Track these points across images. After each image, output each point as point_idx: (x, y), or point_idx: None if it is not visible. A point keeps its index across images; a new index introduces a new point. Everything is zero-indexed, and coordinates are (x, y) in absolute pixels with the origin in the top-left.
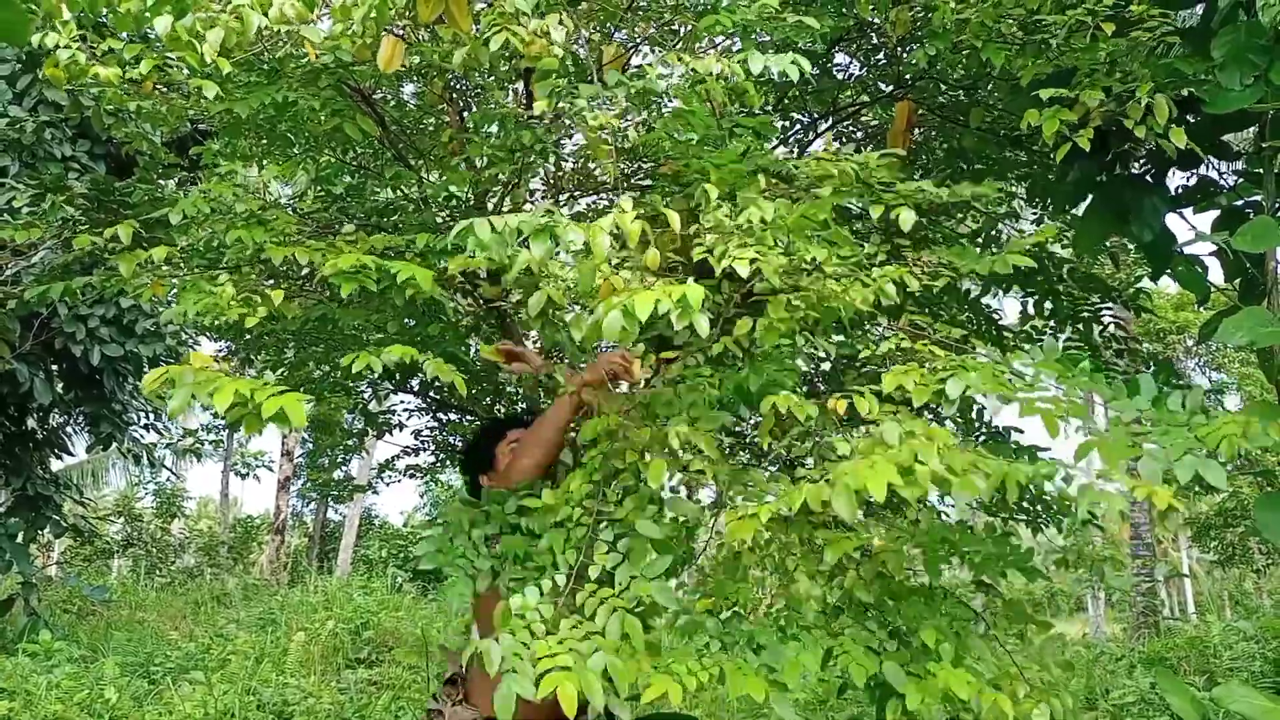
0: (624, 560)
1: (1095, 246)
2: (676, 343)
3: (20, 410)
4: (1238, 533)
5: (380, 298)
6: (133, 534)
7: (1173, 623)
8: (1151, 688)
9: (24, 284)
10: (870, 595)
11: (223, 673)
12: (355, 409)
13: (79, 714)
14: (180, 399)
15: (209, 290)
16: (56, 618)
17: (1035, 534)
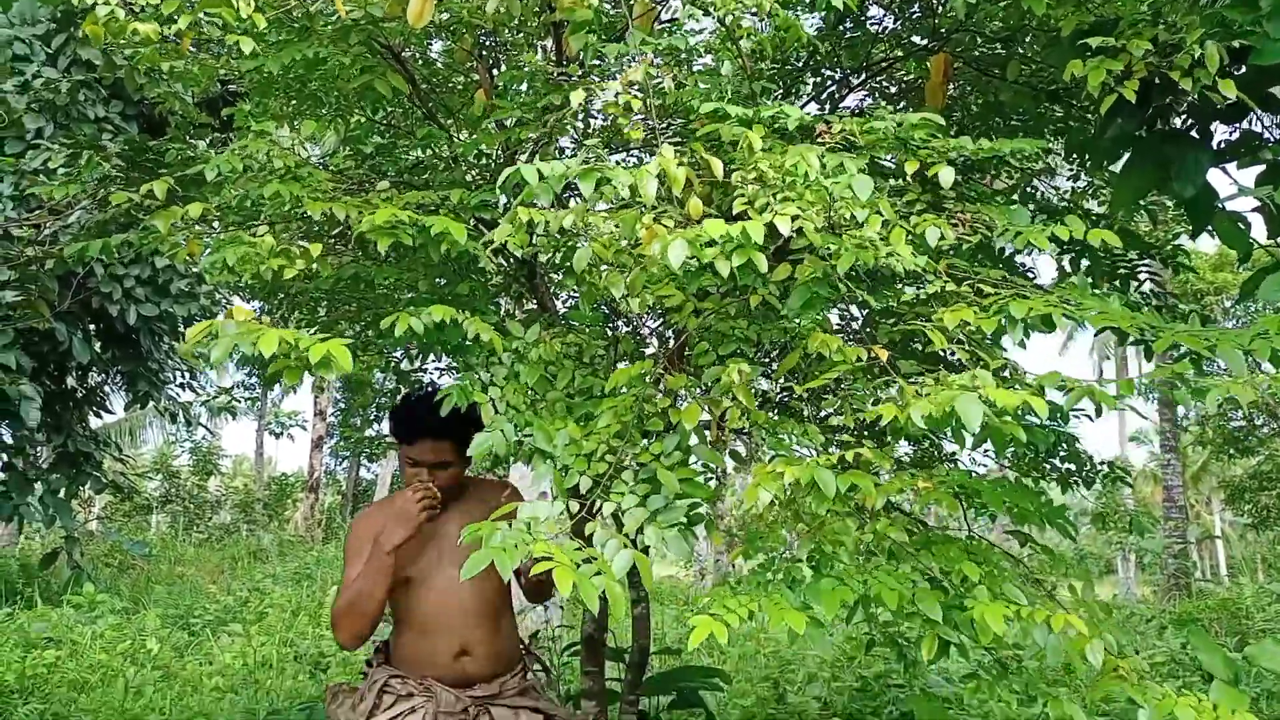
0: (641, 503)
1: (1134, 203)
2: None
3: (60, 369)
4: (1273, 495)
5: (412, 255)
6: (171, 491)
7: (1204, 585)
8: (1182, 648)
9: (61, 243)
10: (903, 535)
11: (260, 625)
12: (387, 368)
13: (123, 663)
14: (223, 348)
15: (248, 241)
16: (99, 571)
17: (1065, 493)
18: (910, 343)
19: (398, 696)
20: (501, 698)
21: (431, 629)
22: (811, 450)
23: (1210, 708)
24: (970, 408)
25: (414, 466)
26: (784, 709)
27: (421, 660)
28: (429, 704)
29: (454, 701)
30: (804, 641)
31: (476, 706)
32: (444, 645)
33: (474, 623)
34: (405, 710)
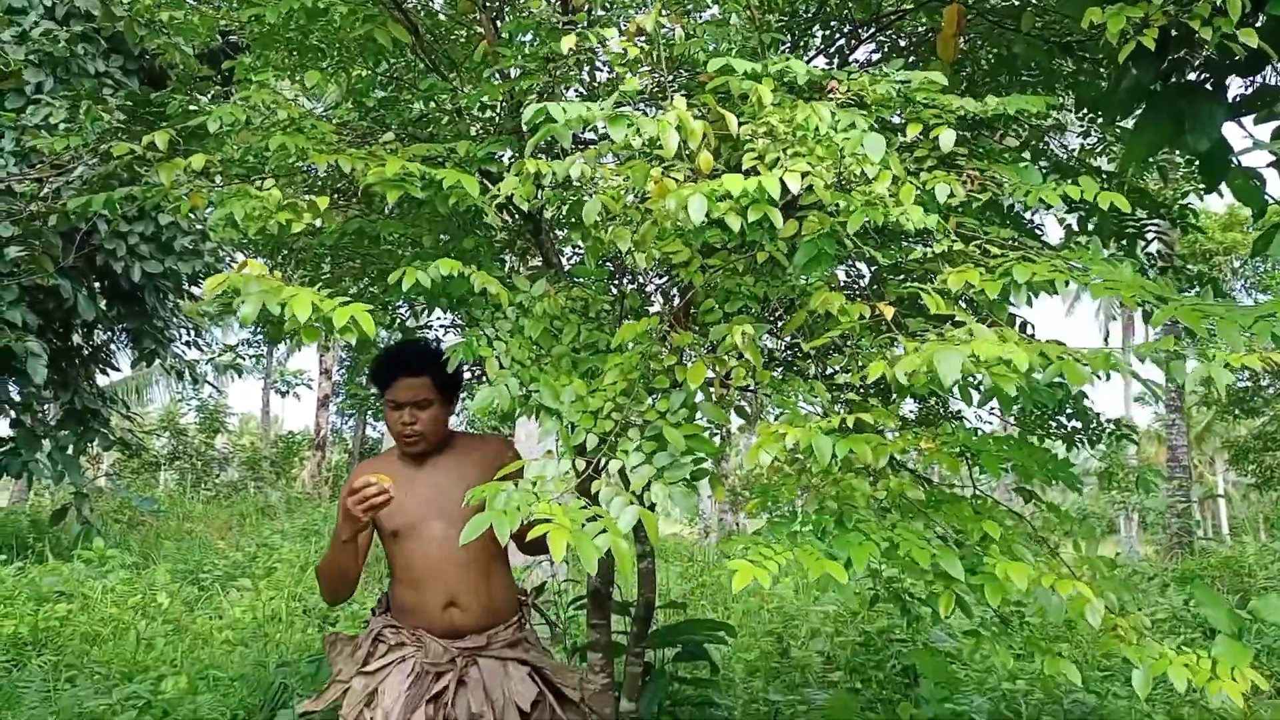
0: (647, 460)
1: (1147, 158)
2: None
3: (65, 326)
4: (1277, 455)
5: (417, 211)
6: (178, 448)
7: (1207, 544)
8: (1185, 604)
9: (64, 199)
10: (919, 493)
11: (269, 580)
12: (391, 325)
13: (134, 617)
14: (252, 306)
15: (254, 194)
16: (108, 527)
17: (1070, 451)
18: (918, 300)
19: (389, 646)
20: (489, 649)
21: (421, 581)
22: (817, 409)
23: (1207, 666)
24: (947, 361)
25: (396, 410)
26: (788, 663)
27: (413, 611)
28: (418, 654)
29: (441, 652)
30: (808, 598)
31: (464, 657)
32: (433, 597)
33: (462, 574)
34: (395, 660)
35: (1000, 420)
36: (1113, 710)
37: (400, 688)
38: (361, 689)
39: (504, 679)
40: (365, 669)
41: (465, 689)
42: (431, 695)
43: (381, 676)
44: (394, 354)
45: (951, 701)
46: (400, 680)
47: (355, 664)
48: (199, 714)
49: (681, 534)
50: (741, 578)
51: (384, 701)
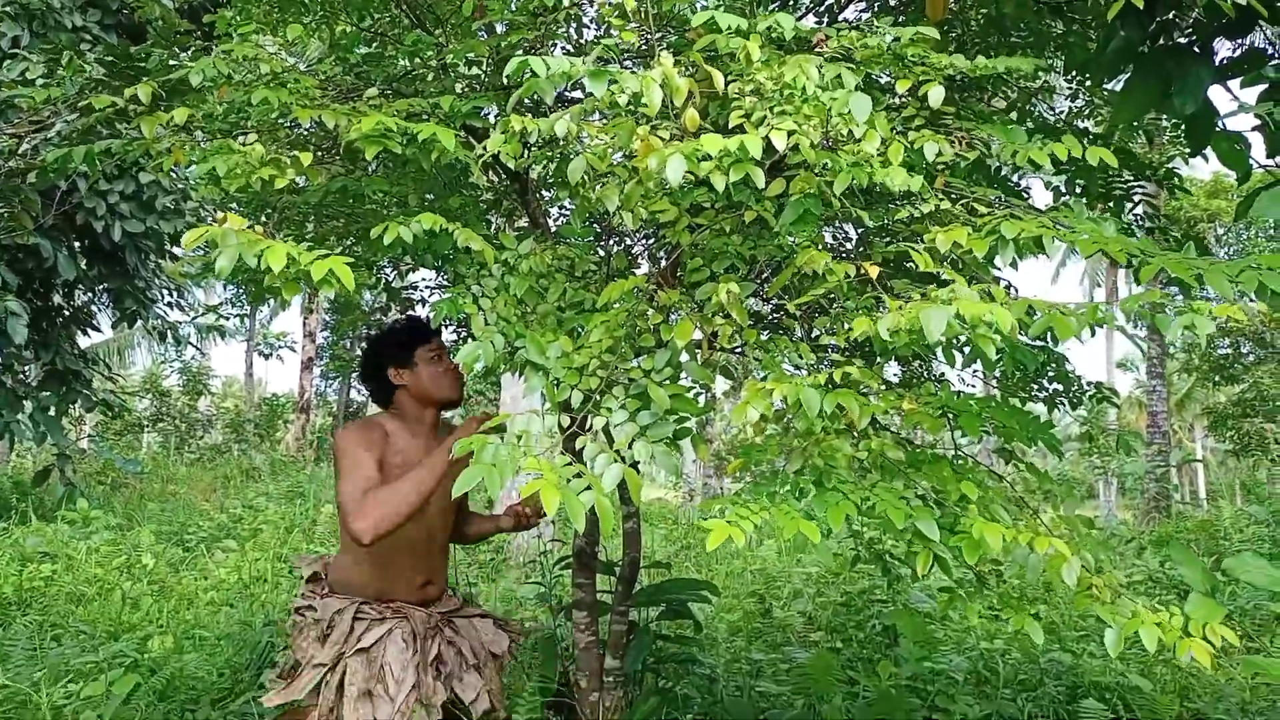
0: (632, 418)
1: (1134, 120)
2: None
3: (45, 286)
4: (1255, 422)
5: (402, 169)
6: (161, 410)
7: (1184, 508)
8: (1160, 565)
9: (42, 155)
10: (899, 453)
11: (254, 541)
12: (376, 285)
13: (119, 577)
14: (228, 257)
15: (237, 150)
16: (91, 489)
17: (1051, 413)
18: (905, 261)
19: (371, 621)
20: (460, 611)
21: (400, 561)
22: (803, 369)
23: (1178, 624)
24: (932, 319)
25: (440, 359)
26: (770, 623)
27: (386, 586)
28: (403, 624)
29: (424, 619)
30: (790, 560)
31: (442, 621)
32: (411, 574)
33: (437, 553)
34: (383, 633)
35: (984, 384)
36: (1088, 668)
37: (403, 657)
38: (365, 666)
39: (477, 632)
40: (361, 646)
41: (453, 648)
42: (430, 659)
43: (380, 650)
44: (412, 317)
45: (930, 660)
46: (399, 651)
47: (334, 645)
48: (186, 672)
49: (666, 498)
50: (716, 536)
51: (393, 671)
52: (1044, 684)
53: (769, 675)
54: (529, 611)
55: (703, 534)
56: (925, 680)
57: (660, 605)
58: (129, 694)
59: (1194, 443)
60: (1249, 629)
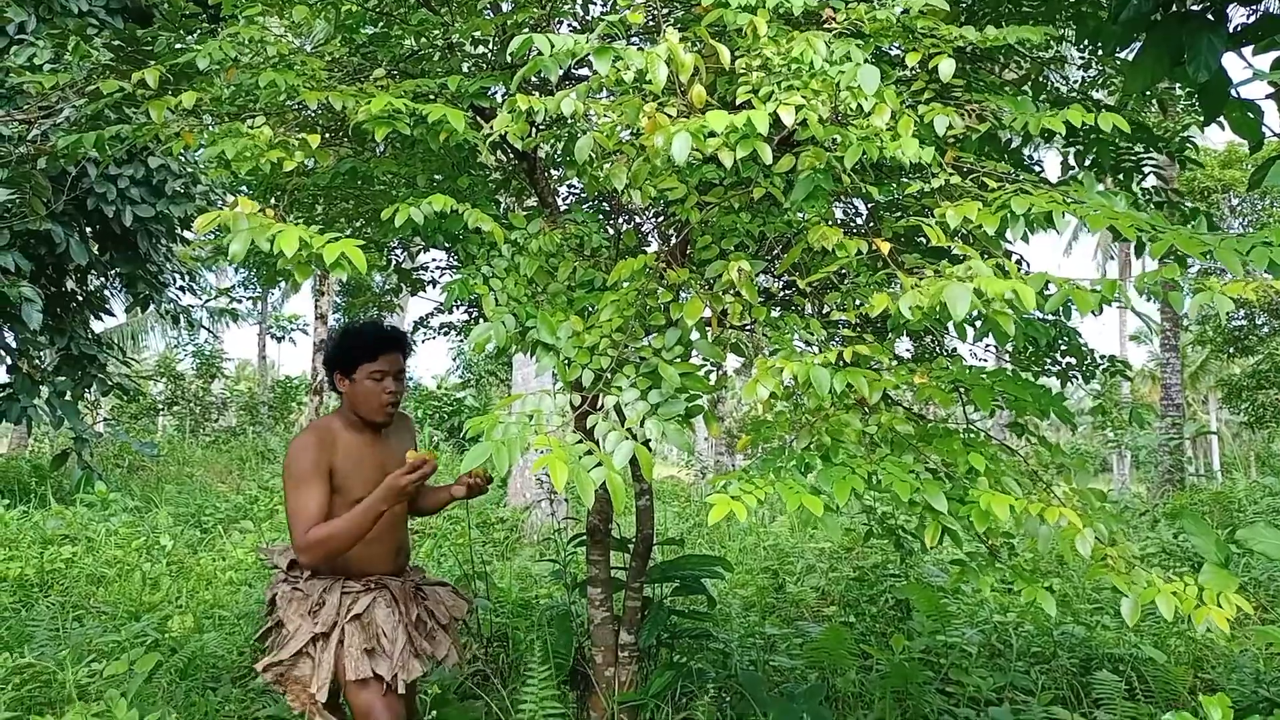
0: (643, 396)
1: (1146, 89)
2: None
3: (58, 272)
4: (1270, 394)
5: (410, 150)
6: (175, 393)
7: (1198, 481)
8: (1174, 538)
9: (52, 141)
10: (908, 427)
11: (271, 522)
12: (386, 267)
13: (138, 558)
14: (241, 242)
15: (246, 133)
16: (109, 472)
17: (1064, 386)
18: (915, 237)
19: (357, 594)
20: (426, 580)
21: (378, 540)
22: (814, 346)
23: (1194, 593)
24: (958, 296)
25: (379, 380)
26: (783, 598)
27: (365, 563)
28: (384, 593)
29: (400, 587)
30: (803, 535)
31: (415, 588)
32: (386, 548)
33: (402, 526)
34: (369, 601)
35: (996, 358)
36: (1101, 641)
37: (391, 619)
38: (362, 630)
39: (439, 599)
40: (355, 613)
41: (425, 610)
42: (411, 621)
43: (371, 616)
44: (376, 327)
45: (943, 634)
46: (387, 614)
47: (329, 614)
48: (206, 651)
49: (678, 476)
50: (719, 510)
51: (386, 632)
52: (1057, 656)
53: (783, 650)
54: (544, 589)
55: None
56: (938, 653)
57: (674, 581)
58: (151, 672)
59: (1208, 415)
60: (1263, 600)
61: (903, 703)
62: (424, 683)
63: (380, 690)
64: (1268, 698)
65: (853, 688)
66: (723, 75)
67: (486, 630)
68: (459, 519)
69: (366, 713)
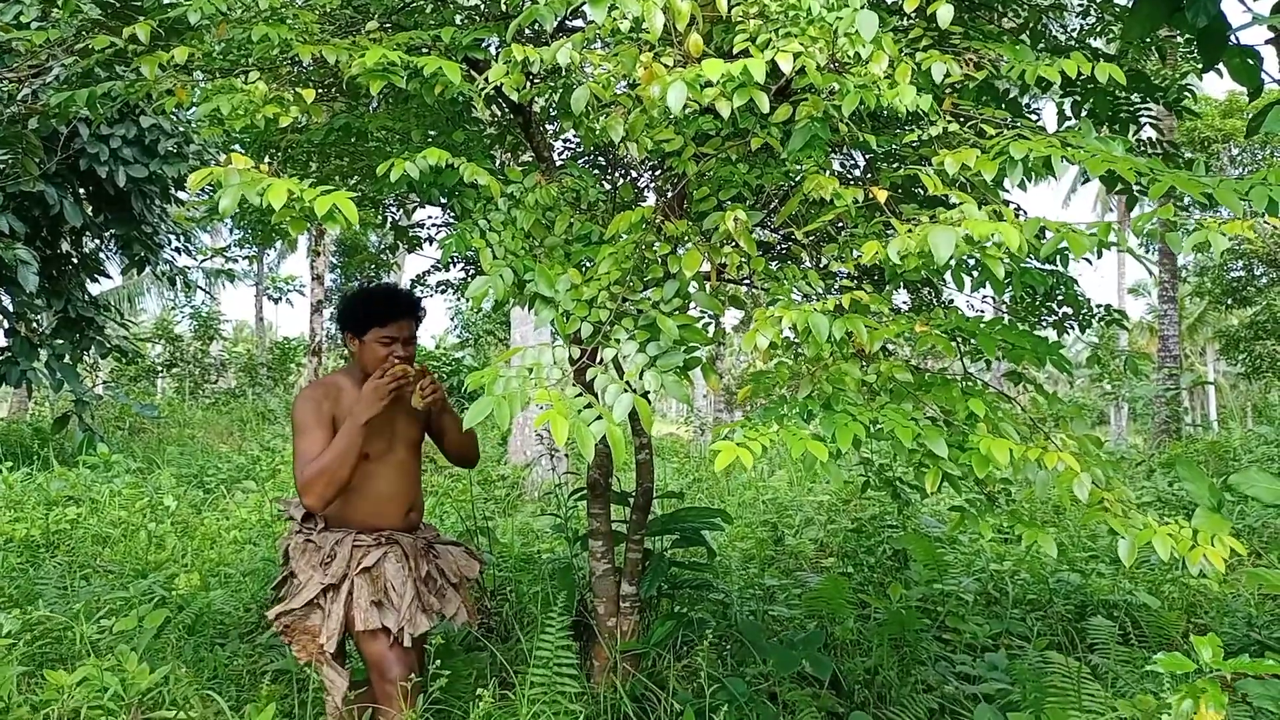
0: (641, 349)
1: (1146, 35)
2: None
3: (53, 234)
4: (1267, 344)
5: (404, 105)
6: (174, 355)
7: (1194, 431)
8: (1169, 486)
9: (43, 100)
10: (907, 375)
11: (274, 481)
12: (382, 225)
13: (142, 519)
14: (231, 196)
15: (240, 88)
16: (110, 434)
17: (1061, 337)
18: (913, 187)
19: (368, 547)
20: (438, 539)
21: (388, 494)
22: (812, 297)
23: (1189, 535)
24: (942, 240)
25: (388, 345)
26: (782, 550)
27: (376, 518)
28: (395, 548)
29: (411, 543)
30: (801, 489)
31: (426, 546)
32: (397, 506)
33: (415, 486)
34: (380, 555)
35: (995, 310)
36: (1096, 588)
37: (401, 574)
38: (371, 583)
39: (452, 558)
40: (365, 566)
41: (435, 567)
42: (421, 577)
43: (381, 569)
44: (390, 293)
45: (940, 582)
46: (397, 569)
47: (340, 565)
48: (213, 608)
49: (678, 433)
50: (724, 458)
51: (395, 586)
52: (1053, 603)
53: (782, 600)
54: (545, 544)
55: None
56: (935, 601)
57: (674, 534)
58: (159, 628)
59: (1206, 367)
60: (1257, 546)
61: (900, 650)
62: (430, 635)
63: (389, 641)
64: (1259, 640)
65: (851, 636)
66: (720, 24)
67: (490, 584)
68: (461, 475)
69: (379, 662)
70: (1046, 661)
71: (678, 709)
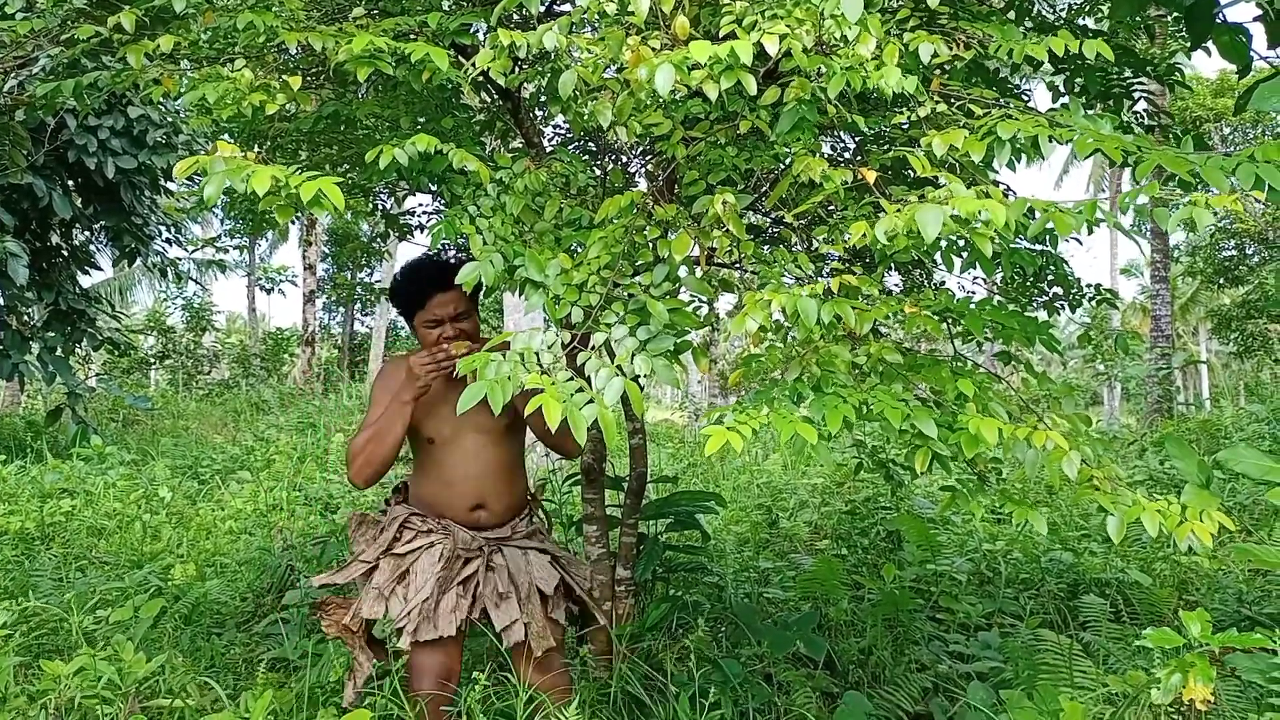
0: (632, 333)
1: (1134, 14)
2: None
3: (43, 226)
4: (1259, 323)
5: (393, 92)
6: (167, 346)
7: (1186, 410)
8: (1161, 465)
9: (29, 90)
10: (896, 356)
11: (269, 471)
12: (372, 213)
13: (137, 510)
14: (215, 185)
15: (226, 76)
16: (103, 426)
17: (1051, 317)
18: (902, 169)
19: (417, 532)
20: (512, 540)
21: (452, 484)
22: (803, 280)
23: (1177, 511)
24: (929, 218)
25: (434, 327)
26: (776, 533)
27: (440, 506)
28: (446, 540)
29: (469, 540)
30: (795, 472)
31: (490, 545)
32: (461, 499)
33: (491, 481)
34: (425, 545)
35: (986, 292)
36: (1088, 566)
37: (432, 569)
38: (391, 569)
39: (526, 565)
40: (395, 551)
41: (492, 573)
42: (462, 578)
43: (412, 559)
44: (420, 270)
45: (933, 563)
46: (431, 563)
47: (379, 546)
48: (209, 597)
49: (672, 419)
50: (714, 442)
51: (415, 581)
52: (1045, 582)
53: (776, 582)
54: None
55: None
56: (929, 582)
57: (668, 517)
58: (156, 618)
59: (1198, 346)
60: (1247, 524)
61: (894, 630)
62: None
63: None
64: (1249, 616)
65: (845, 616)
66: (706, 6)
67: None
68: None
69: (410, 665)
70: (1039, 639)
71: (674, 691)
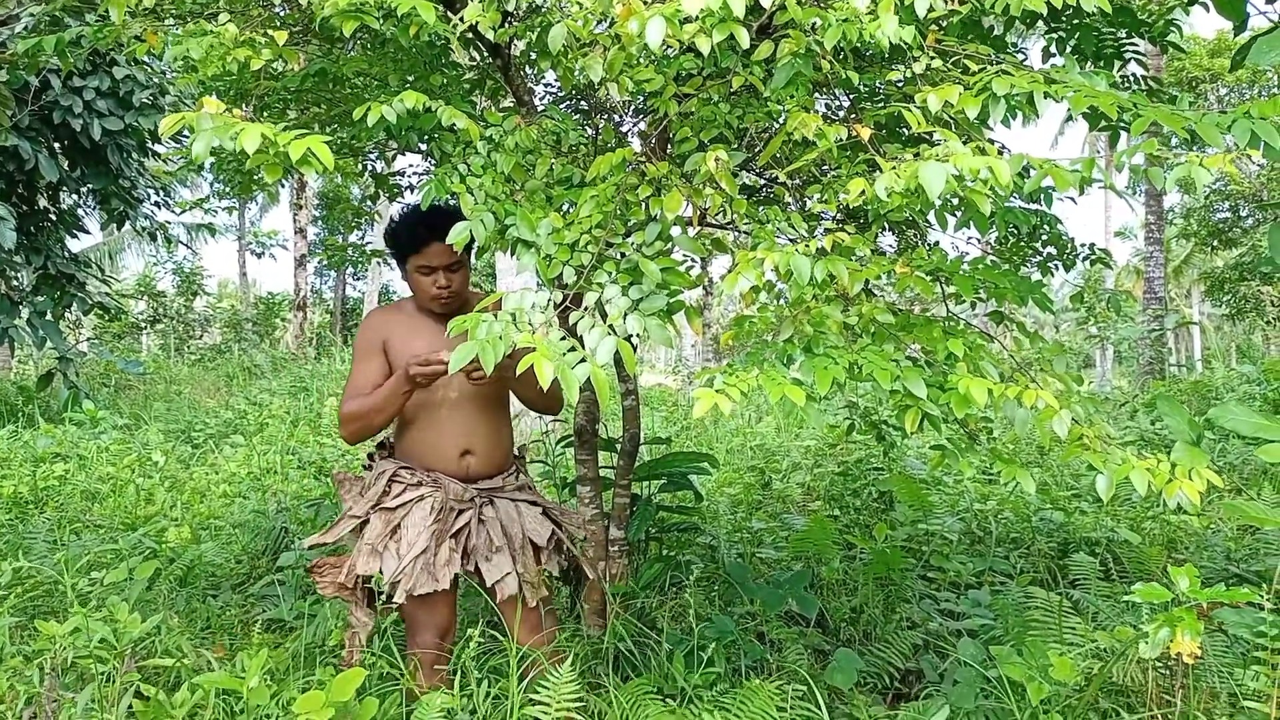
0: (624, 292)
1: None
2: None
3: (29, 189)
4: (1252, 285)
5: (380, 49)
6: (158, 311)
7: (1178, 372)
8: (1152, 425)
9: (10, 49)
10: (888, 316)
11: (262, 435)
12: (362, 174)
13: (131, 474)
14: (203, 142)
15: (211, 31)
16: (95, 391)
17: (1045, 277)
18: (897, 127)
19: (406, 485)
20: (504, 491)
21: (440, 430)
22: (796, 239)
23: (1166, 469)
24: (933, 175)
25: (428, 274)
26: (769, 495)
27: (428, 456)
28: (437, 493)
29: (461, 491)
30: (789, 434)
31: (481, 497)
32: (450, 445)
33: (478, 425)
34: (414, 498)
35: (981, 250)
36: (1078, 525)
37: (423, 523)
38: (383, 524)
39: (519, 517)
40: (385, 505)
41: (484, 526)
42: (454, 530)
43: (403, 513)
44: (422, 217)
45: (925, 523)
46: (423, 516)
47: (368, 502)
48: (204, 560)
49: (666, 383)
50: (703, 404)
51: (408, 535)
52: (1035, 541)
53: (769, 543)
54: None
55: (699, 415)
56: (920, 541)
57: (661, 478)
58: (150, 580)
59: (1191, 309)
60: (1238, 483)
61: (885, 588)
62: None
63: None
64: (1237, 573)
65: (837, 576)
66: None
67: None
68: None
69: (406, 620)
70: (1029, 597)
71: (668, 648)
